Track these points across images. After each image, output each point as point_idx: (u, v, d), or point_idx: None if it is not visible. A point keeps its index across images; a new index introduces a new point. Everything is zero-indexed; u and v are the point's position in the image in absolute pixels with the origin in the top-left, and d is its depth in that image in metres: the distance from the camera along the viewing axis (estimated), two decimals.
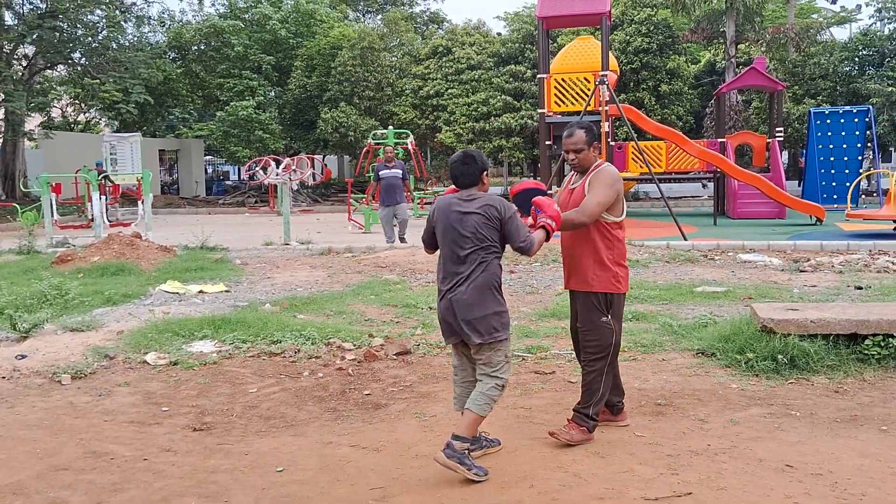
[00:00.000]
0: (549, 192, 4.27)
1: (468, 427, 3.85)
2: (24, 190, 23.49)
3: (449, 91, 27.90)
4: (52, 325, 7.04)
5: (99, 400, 5.20)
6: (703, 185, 29.58)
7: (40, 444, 4.42)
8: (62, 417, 4.88)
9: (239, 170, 36.58)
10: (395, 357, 6.05)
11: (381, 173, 13.61)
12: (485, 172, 4.01)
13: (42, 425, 4.74)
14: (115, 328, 7.00)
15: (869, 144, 21.70)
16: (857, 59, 28.24)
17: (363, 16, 43.62)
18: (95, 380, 5.65)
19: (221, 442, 4.41)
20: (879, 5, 28.17)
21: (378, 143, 19.14)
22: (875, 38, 28.00)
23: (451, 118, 27.57)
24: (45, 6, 26.07)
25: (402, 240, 13.65)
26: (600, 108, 15.90)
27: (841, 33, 36.96)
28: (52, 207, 16.02)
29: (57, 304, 7.95)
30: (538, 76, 18.05)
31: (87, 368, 5.82)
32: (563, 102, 17.73)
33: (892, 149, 35.34)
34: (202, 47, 32.22)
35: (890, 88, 25.06)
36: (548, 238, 3.99)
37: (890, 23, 28.10)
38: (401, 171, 13.42)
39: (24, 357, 6.11)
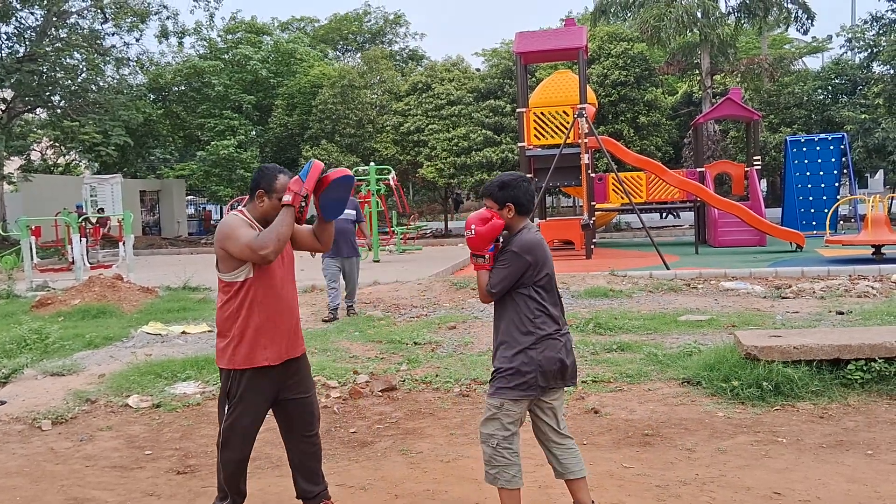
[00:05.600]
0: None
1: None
2: (2, 233, 23.29)
3: (429, 126, 28.07)
4: (32, 369, 6.95)
5: (80, 445, 5.13)
6: (675, 216, 29.72)
7: (20, 491, 4.34)
8: (43, 464, 4.80)
9: (221, 209, 36.53)
10: (380, 394, 6.01)
11: None
12: None
13: (22, 472, 4.65)
14: (96, 371, 6.92)
15: (845, 171, 21.98)
16: (830, 87, 28.79)
17: (343, 54, 44.01)
18: (77, 424, 5.57)
19: (206, 485, 4.34)
20: (850, 35, 28.78)
21: (360, 180, 19.17)
22: (847, 67, 28.58)
23: (433, 153, 27.72)
24: (23, 50, 26.08)
25: (351, 309, 10.03)
26: (580, 141, 16.07)
27: (813, 62, 37.64)
28: (31, 251, 15.88)
29: (37, 349, 7.86)
30: (518, 110, 18.22)
31: (68, 413, 5.74)
32: (543, 136, 17.89)
33: (867, 175, 35.91)
34: (182, 88, 32.32)
35: (863, 115, 25.50)
36: None
37: (860, 52, 28.69)
38: (354, 213, 10.15)
39: (3, 403, 6.02)
